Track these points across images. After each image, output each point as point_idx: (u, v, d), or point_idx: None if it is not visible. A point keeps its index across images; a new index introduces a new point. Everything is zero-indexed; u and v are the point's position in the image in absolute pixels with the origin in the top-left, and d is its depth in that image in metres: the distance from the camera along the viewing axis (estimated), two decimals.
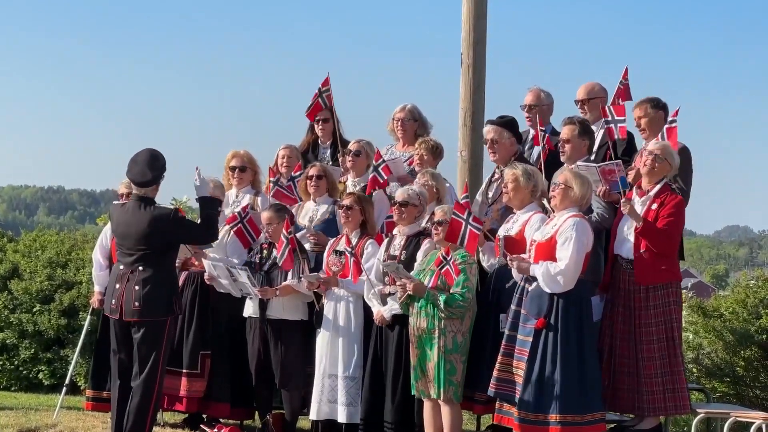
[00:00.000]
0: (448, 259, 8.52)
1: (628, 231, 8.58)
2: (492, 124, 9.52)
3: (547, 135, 9.54)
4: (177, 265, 9.40)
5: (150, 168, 8.77)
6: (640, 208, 8.48)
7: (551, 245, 8.07)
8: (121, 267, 8.86)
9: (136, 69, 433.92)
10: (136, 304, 8.67)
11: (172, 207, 8.89)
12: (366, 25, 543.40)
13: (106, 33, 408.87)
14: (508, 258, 8.34)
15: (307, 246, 9.65)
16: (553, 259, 8.03)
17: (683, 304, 13.90)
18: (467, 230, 8.43)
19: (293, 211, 9.97)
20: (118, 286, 8.81)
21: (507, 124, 9.41)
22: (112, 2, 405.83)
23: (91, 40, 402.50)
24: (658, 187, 8.53)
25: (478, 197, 9.55)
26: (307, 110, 10.84)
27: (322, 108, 10.73)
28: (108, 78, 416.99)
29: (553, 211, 8.35)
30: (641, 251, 8.46)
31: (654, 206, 8.45)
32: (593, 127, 9.46)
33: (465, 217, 8.43)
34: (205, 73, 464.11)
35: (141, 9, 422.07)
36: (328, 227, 9.89)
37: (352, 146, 10.20)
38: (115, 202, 9.51)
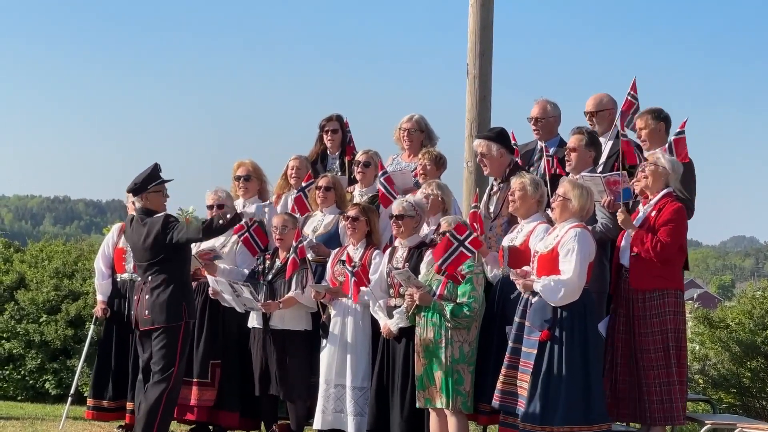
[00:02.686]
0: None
1: (627, 240, 8.59)
2: (480, 138, 9.55)
3: (555, 161, 9.46)
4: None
5: (138, 176, 9.10)
6: (642, 216, 8.50)
7: (553, 257, 8.06)
8: (138, 279, 9.06)
9: (142, 79, 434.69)
10: (146, 312, 8.85)
11: (162, 213, 9.03)
12: (373, 35, 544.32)
13: (111, 43, 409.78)
14: (511, 276, 8.33)
15: (308, 256, 9.68)
16: (556, 270, 8.02)
17: (689, 315, 13.92)
18: (457, 251, 8.34)
19: (301, 220, 10.05)
20: (135, 298, 9.00)
21: (495, 137, 9.41)
22: (117, 14, 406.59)
23: (96, 50, 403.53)
24: (659, 195, 8.53)
25: (482, 210, 9.54)
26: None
27: (353, 149, 10.84)
28: (114, 88, 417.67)
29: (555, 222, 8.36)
30: (632, 254, 8.47)
31: (653, 213, 8.46)
32: (601, 139, 9.46)
33: (462, 238, 8.35)
34: (212, 82, 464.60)
35: (147, 20, 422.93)
36: (331, 239, 9.93)
37: (360, 157, 10.25)
38: (129, 215, 9.71)
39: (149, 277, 8.97)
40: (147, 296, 8.91)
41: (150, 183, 9.10)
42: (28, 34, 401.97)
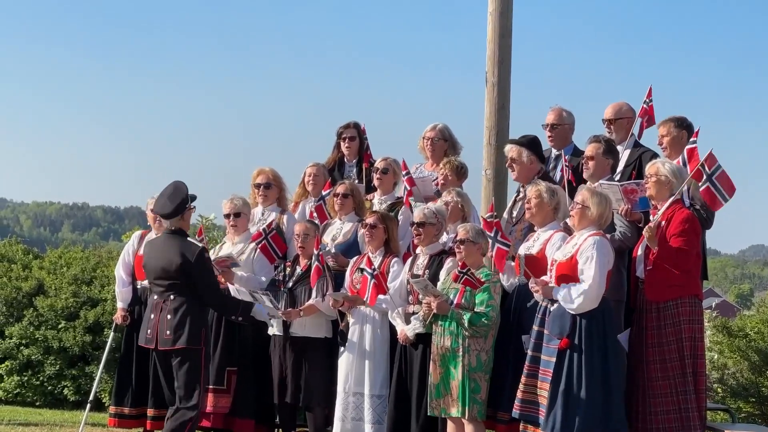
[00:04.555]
0: (466, 270, 8.51)
1: (641, 252, 8.57)
2: (512, 143, 9.55)
3: (570, 170, 9.42)
4: None
5: (170, 200, 8.97)
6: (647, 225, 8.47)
7: (572, 265, 8.05)
8: (155, 297, 9.03)
9: (161, 86, 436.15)
10: (168, 333, 8.79)
11: (200, 245, 8.94)
12: (391, 43, 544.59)
13: (131, 50, 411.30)
14: (530, 284, 8.32)
15: (328, 262, 9.68)
16: (574, 278, 8.01)
17: (708, 324, 13.86)
18: (494, 247, 8.45)
19: (320, 228, 10.06)
20: (153, 316, 8.96)
21: (527, 143, 9.41)
22: (136, 21, 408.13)
23: (116, 57, 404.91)
24: (666, 204, 8.49)
25: (505, 215, 9.55)
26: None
27: (370, 155, 10.89)
28: (133, 95, 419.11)
29: (573, 230, 8.35)
30: (648, 267, 8.45)
31: (662, 223, 8.43)
32: (619, 147, 9.44)
33: (492, 234, 8.44)
34: (231, 90, 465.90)
35: (165, 26, 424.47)
36: (350, 248, 9.93)
37: (379, 164, 10.26)
38: (149, 237, 9.63)
39: (170, 297, 8.92)
40: (169, 316, 8.84)
41: (186, 204, 9.07)
42: (47, 41, 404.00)
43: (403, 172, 9.95)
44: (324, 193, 10.36)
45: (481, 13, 11.56)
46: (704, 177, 8.35)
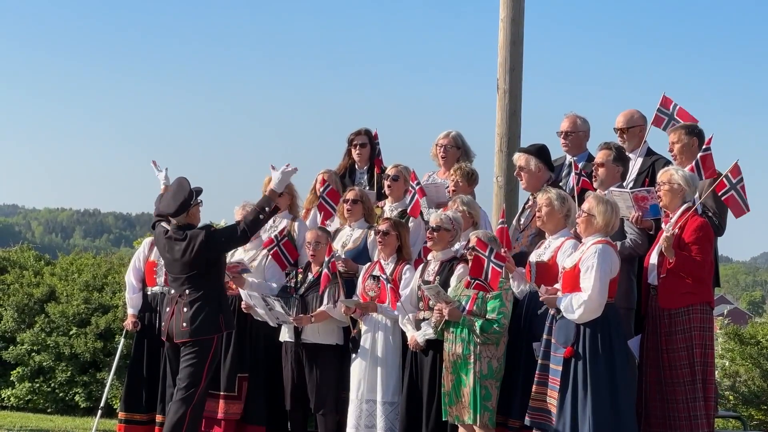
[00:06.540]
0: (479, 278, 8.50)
1: (654, 259, 8.55)
2: (520, 151, 9.56)
3: (582, 178, 9.41)
4: None
5: (173, 199, 9.08)
6: (664, 235, 8.46)
7: (576, 273, 8.03)
8: (172, 291, 9.15)
9: (172, 92, 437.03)
10: (184, 325, 8.89)
11: (204, 226, 9.03)
12: (404, 50, 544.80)
13: (142, 57, 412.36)
14: (538, 291, 8.31)
15: (339, 269, 9.68)
16: (579, 286, 8.00)
17: (719, 331, 13.83)
18: (489, 267, 8.40)
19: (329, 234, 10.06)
20: (168, 309, 9.05)
21: (535, 151, 9.41)
22: (148, 28, 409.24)
23: (127, 64, 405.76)
24: (678, 212, 8.48)
25: (513, 222, 9.54)
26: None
27: (381, 161, 10.92)
28: (144, 101, 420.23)
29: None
30: (661, 276, 8.43)
31: (676, 231, 8.41)
32: (631, 155, 9.43)
33: (486, 254, 8.41)
34: (242, 97, 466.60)
35: (177, 34, 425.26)
36: (360, 254, 9.94)
37: (390, 171, 10.26)
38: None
39: (186, 290, 8.98)
40: (185, 309, 8.94)
41: (192, 200, 9.12)
42: (58, 47, 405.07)
43: (413, 183, 9.94)
44: (321, 188, 10.37)
45: (493, 20, 11.58)
46: (728, 186, 8.39)
